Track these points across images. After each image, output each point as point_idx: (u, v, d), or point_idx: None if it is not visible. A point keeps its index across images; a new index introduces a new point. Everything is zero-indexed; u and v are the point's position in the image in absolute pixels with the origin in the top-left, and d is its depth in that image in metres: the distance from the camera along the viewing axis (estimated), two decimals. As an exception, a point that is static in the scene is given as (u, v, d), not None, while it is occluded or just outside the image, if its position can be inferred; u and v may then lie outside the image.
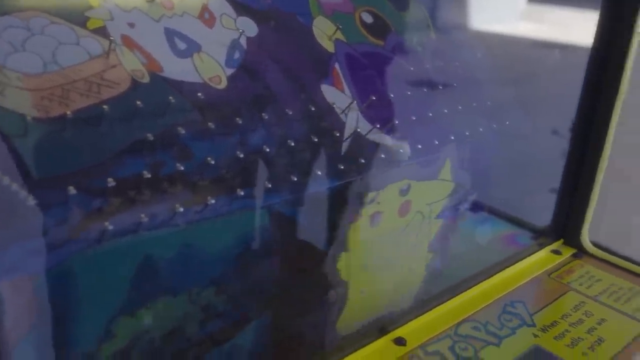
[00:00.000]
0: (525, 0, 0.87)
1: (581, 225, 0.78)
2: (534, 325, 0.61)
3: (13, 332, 0.31)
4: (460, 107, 0.59)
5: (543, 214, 0.81)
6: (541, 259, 0.76)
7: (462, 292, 0.65)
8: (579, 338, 0.59)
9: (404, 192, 0.54)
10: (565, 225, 0.80)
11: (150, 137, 0.38)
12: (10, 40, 0.36)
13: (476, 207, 0.69)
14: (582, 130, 0.76)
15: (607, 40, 0.71)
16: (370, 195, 0.51)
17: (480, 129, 0.61)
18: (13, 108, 0.34)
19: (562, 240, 0.80)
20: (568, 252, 0.78)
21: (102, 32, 0.40)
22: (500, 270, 0.70)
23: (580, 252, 0.79)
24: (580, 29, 0.79)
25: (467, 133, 0.59)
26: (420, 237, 0.59)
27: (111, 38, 0.39)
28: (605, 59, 0.72)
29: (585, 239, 0.79)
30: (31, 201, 0.31)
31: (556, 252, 0.78)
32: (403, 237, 0.57)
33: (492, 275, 0.69)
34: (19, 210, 0.31)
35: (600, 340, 0.59)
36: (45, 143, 0.34)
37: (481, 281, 0.67)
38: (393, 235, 0.55)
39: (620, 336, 0.60)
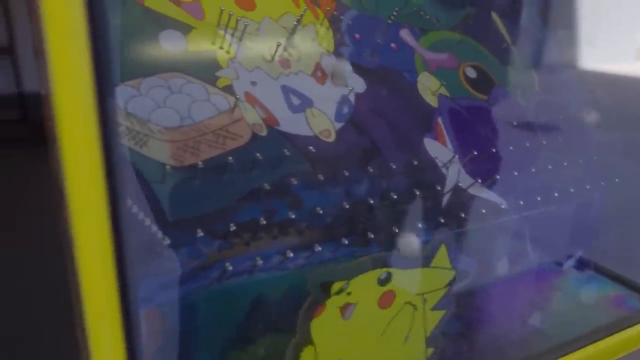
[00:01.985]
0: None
1: (701, 292, 0.72)
2: (645, 398, 0.57)
3: (144, 356, 0.35)
4: (565, 164, 0.58)
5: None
6: (654, 325, 0.71)
7: (566, 356, 0.62)
8: (698, 418, 0.54)
9: (382, 281, 0.48)
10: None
11: (266, 186, 0.41)
12: (155, 98, 0.42)
13: (580, 265, 0.66)
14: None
15: None
16: (337, 285, 0.45)
17: (587, 186, 0.59)
18: (155, 157, 0.39)
19: (678, 307, 0.74)
20: (685, 321, 0.72)
21: (228, 89, 0.45)
22: (608, 336, 0.66)
23: (700, 321, 0.72)
24: None
25: (572, 190, 0.58)
26: (415, 329, 0.52)
27: (237, 96, 0.44)
28: None
29: None
30: (166, 241, 0.35)
31: (671, 319, 0.72)
32: (390, 330, 0.50)
33: (598, 340, 0.65)
34: (155, 248, 0.35)
35: None
36: (178, 189, 0.39)
37: (587, 345, 0.64)
38: (374, 328, 0.49)
39: None
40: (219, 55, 0.46)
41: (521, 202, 0.54)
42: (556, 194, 0.56)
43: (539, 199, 0.55)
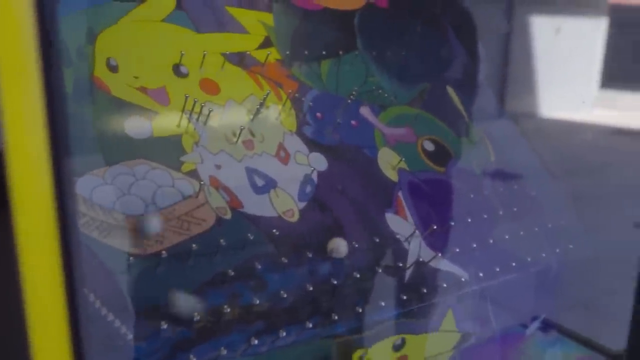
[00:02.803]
0: (597, 87, 0.88)
1: (661, 351, 0.74)
2: None
3: None
4: (521, 233, 0.60)
5: (618, 334, 0.77)
6: (619, 387, 0.72)
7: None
8: None
9: (397, 347, 0.50)
10: (643, 349, 0.75)
11: (230, 271, 0.42)
12: (120, 186, 0.43)
13: (545, 327, 0.67)
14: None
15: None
16: (358, 353, 0.47)
17: (543, 254, 0.61)
18: (118, 247, 0.40)
19: (641, 366, 0.76)
20: (649, 380, 0.74)
21: (193, 174, 0.46)
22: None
23: (663, 380, 0.74)
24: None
25: (529, 259, 0.60)
26: None
27: (201, 181, 0.45)
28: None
29: (667, 365, 0.74)
30: (128, 335, 0.35)
31: (635, 379, 0.74)
32: None
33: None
34: (117, 342, 0.35)
35: None
36: (142, 279, 0.39)
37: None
38: None
39: None
40: (184, 140, 0.48)
41: (481, 274, 0.56)
42: (514, 264, 0.58)
43: (497, 269, 0.57)
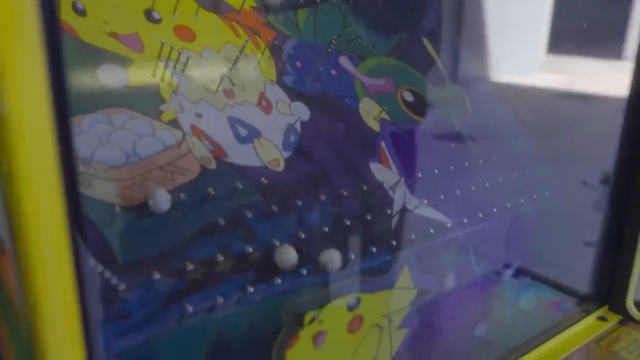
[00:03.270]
0: (545, 52, 0.88)
1: (625, 291, 0.78)
2: (586, 397, 0.60)
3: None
4: (501, 180, 0.61)
5: (586, 278, 0.81)
6: (588, 326, 0.75)
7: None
8: (634, 411, 0.58)
9: (352, 306, 0.48)
10: (609, 291, 0.79)
11: (220, 220, 0.41)
12: (98, 135, 0.40)
13: (518, 273, 0.69)
14: (621, 188, 0.74)
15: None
16: (310, 314, 0.45)
17: (522, 200, 0.62)
18: (101, 198, 0.37)
19: (607, 307, 0.80)
20: (614, 319, 0.77)
21: (174, 123, 0.44)
22: (548, 339, 0.70)
23: (626, 318, 0.78)
24: (605, 78, 0.81)
25: (509, 205, 0.61)
26: (381, 349, 0.53)
27: (185, 132, 0.43)
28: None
29: (631, 305, 0.78)
30: (120, 286, 0.34)
31: (602, 318, 0.77)
32: (358, 353, 0.50)
33: (540, 344, 0.68)
34: (109, 295, 0.34)
35: (656, 414, 0.58)
36: (128, 230, 0.37)
37: (530, 350, 0.67)
38: (344, 353, 0.49)
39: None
40: (162, 88, 0.46)
41: (465, 220, 0.56)
42: (495, 210, 0.59)
43: (480, 215, 0.58)
